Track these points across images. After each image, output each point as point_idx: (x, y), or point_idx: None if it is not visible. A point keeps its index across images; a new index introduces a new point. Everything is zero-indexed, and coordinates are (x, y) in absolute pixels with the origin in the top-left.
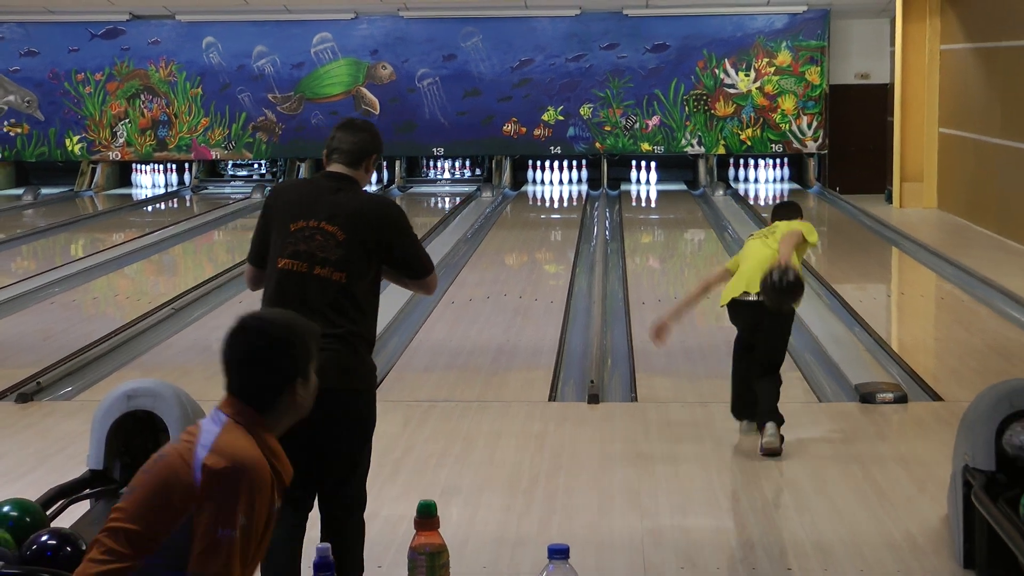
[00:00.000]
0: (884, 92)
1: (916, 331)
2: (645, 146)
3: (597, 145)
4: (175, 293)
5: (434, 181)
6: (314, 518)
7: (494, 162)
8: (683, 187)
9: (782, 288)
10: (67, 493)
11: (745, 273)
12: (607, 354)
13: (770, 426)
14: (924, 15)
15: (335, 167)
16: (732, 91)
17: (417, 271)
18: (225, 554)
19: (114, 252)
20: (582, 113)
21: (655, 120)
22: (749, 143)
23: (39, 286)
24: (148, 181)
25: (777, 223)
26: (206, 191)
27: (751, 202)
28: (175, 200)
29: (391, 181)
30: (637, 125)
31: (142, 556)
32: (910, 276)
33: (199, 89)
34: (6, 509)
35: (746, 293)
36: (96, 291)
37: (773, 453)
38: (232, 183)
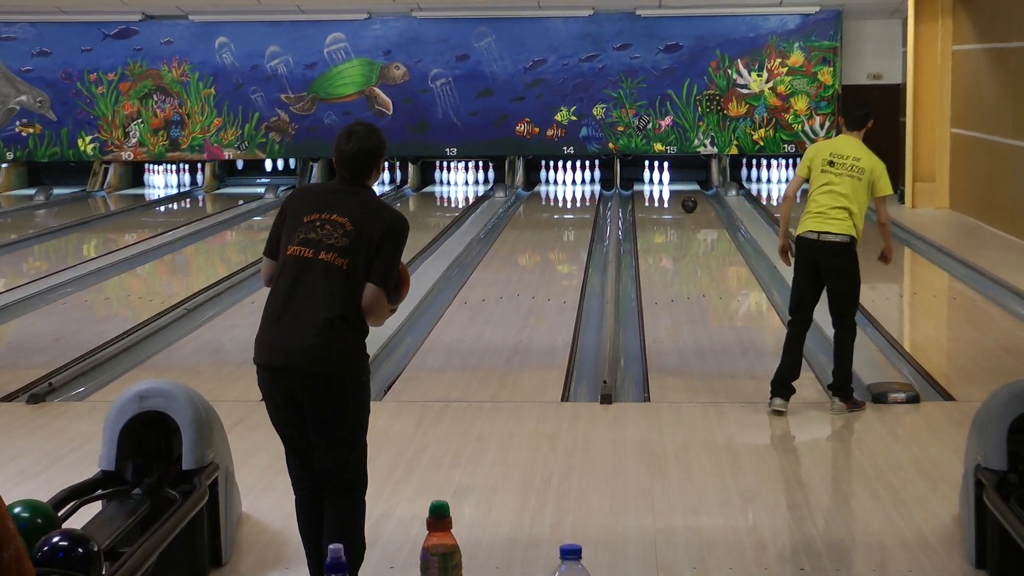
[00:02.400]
0: (896, 92)
1: (928, 331)
2: (658, 146)
3: (610, 145)
4: (187, 294)
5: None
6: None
7: (507, 162)
8: (696, 187)
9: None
10: (79, 494)
11: (812, 210)
12: (620, 354)
13: (835, 401)
14: (936, 16)
15: (345, 175)
16: (745, 91)
17: (376, 277)
18: None
19: (126, 252)
20: (595, 113)
21: (668, 120)
22: (762, 143)
23: (51, 286)
24: (161, 181)
25: (848, 145)
26: (219, 191)
27: (764, 202)
28: (187, 200)
29: (404, 181)
30: (650, 125)
31: None
32: (922, 276)
33: (212, 89)
34: (18, 510)
35: (809, 231)
36: (108, 292)
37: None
38: (247, 179)
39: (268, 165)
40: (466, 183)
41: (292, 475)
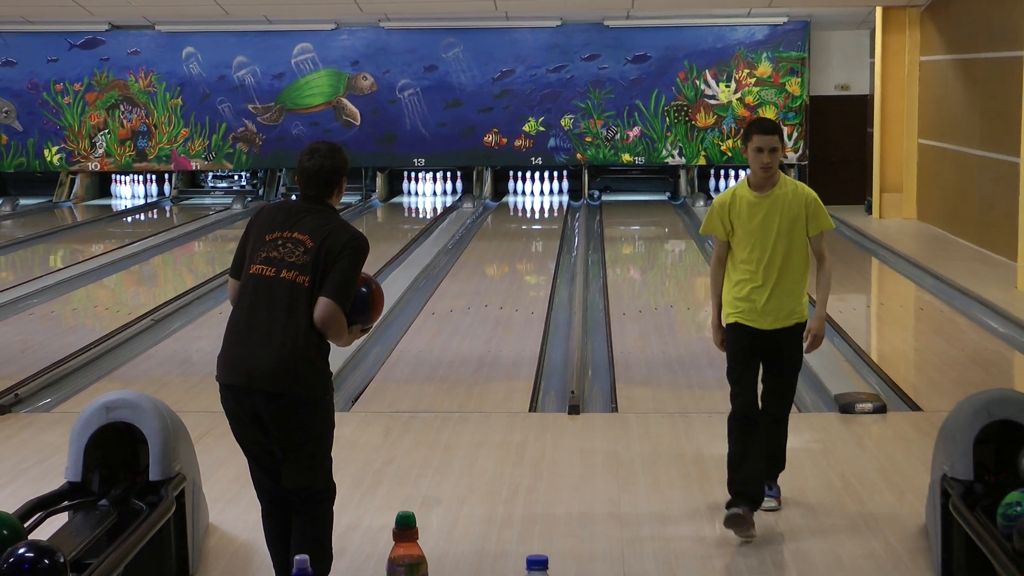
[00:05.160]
0: (864, 103)
1: (895, 342)
2: (626, 157)
3: (578, 156)
4: (154, 304)
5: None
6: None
7: (475, 173)
8: (664, 198)
9: None
10: (45, 505)
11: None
12: (587, 365)
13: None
14: (904, 27)
15: (308, 193)
16: (713, 102)
17: (328, 289)
18: None
19: (93, 263)
20: (563, 124)
21: (636, 131)
22: (730, 154)
23: (17, 297)
24: (127, 192)
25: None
26: (187, 202)
27: None
28: (155, 211)
29: (371, 191)
30: (618, 136)
31: None
32: (890, 287)
33: (179, 99)
34: None
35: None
36: (75, 302)
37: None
38: (212, 194)
39: (235, 185)
40: (434, 194)
41: (257, 487)
